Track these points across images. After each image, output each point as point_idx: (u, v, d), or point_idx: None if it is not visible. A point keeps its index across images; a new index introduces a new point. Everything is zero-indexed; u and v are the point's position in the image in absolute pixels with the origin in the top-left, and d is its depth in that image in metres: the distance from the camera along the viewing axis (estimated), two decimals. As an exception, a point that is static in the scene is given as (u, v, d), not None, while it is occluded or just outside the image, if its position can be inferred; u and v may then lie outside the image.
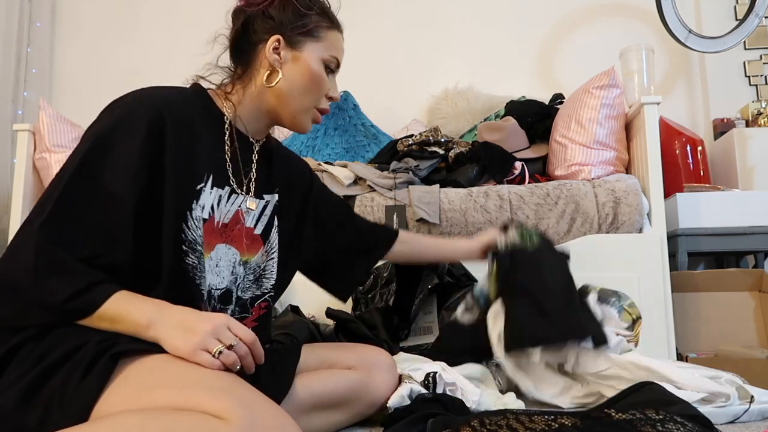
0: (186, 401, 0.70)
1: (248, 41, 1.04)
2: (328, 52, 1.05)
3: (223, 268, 1.01)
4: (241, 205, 1.04)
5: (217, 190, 0.99)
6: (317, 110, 1.07)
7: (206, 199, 0.96)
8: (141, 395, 0.73)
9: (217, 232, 0.99)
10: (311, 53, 1.03)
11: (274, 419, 0.73)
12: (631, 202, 1.96)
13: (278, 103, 1.04)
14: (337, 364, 1.10)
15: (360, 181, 2.12)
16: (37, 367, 0.76)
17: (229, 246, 1.02)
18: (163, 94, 0.96)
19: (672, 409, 0.92)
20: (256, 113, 1.06)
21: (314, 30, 1.04)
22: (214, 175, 0.98)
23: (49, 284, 0.79)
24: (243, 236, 1.04)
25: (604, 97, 2.15)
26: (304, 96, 1.04)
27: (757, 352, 1.67)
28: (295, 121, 1.05)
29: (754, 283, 1.94)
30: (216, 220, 0.99)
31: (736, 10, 2.94)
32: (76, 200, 0.84)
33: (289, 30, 1.02)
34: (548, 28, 3.09)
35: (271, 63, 1.02)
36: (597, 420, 0.90)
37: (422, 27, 3.17)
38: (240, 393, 0.74)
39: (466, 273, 1.81)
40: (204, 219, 0.96)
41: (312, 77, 1.03)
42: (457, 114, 2.86)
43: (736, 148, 2.50)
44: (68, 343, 0.78)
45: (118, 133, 0.88)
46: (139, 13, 3.29)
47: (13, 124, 2.69)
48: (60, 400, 0.74)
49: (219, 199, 0.99)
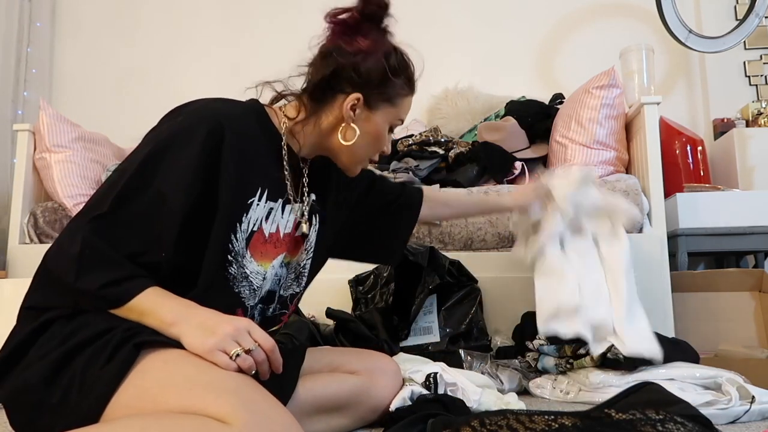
0: (192, 403, 0.72)
1: (330, 87, 1.04)
2: (398, 117, 1.09)
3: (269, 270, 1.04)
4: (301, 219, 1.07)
5: (268, 203, 1.00)
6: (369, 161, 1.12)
7: (257, 213, 0.98)
8: (153, 392, 0.75)
9: (276, 242, 1.02)
10: (383, 117, 1.06)
11: (279, 423, 0.74)
12: (631, 202, 1.96)
13: (340, 149, 1.06)
14: (340, 368, 1.10)
15: (360, 181, 2.12)
16: (63, 345, 0.79)
17: (285, 254, 1.06)
18: (224, 107, 0.97)
19: (672, 409, 0.92)
20: (313, 148, 1.08)
21: (394, 97, 1.06)
22: (268, 189, 1.00)
23: (89, 274, 0.82)
24: (288, 239, 1.07)
25: (604, 97, 2.15)
26: (365, 151, 1.08)
27: (757, 352, 1.67)
28: (350, 168, 1.10)
29: (754, 283, 1.94)
30: (268, 232, 1.01)
31: (736, 10, 2.94)
32: (132, 201, 0.87)
33: (373, 91, 1.04)
34: (548, 28, 3.09)
35: (344, 117, 1.03)
36: (597, 420, 0.90)
37: (422, 27, 3.17)
38: (248, 395, 0.75)
39: (466, 273, 1.82)
40: (252, 231, 0.98)
41: (377, 138, 1.07)
42: (457, 114, 2.86)
43: (736, 148, 2.50)
44: (96, 326, 0.81)
45: (178, 141, 0.90)
46: (139, 13, 3.29)
47: (13, 124, 2.68)
48: (81, 382, 0.76)
49: (269, 212, 1.01)
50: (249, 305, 1.01)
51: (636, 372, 1.41)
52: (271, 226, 1.01)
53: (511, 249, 1.99)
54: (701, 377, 1.35)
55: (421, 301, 1.69)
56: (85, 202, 2.72)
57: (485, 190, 1.68)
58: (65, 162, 2.34)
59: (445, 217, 1.48)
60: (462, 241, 2.00)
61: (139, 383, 0.76)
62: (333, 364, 1.10)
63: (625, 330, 1.42)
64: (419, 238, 1.99)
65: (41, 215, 2.29)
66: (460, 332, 1.69)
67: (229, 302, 0.96)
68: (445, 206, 1.45)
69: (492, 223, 1.98)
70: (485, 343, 1.71)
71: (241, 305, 0.99)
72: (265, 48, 3.05)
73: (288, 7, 3.15)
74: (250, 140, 0.98)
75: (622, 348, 1.40)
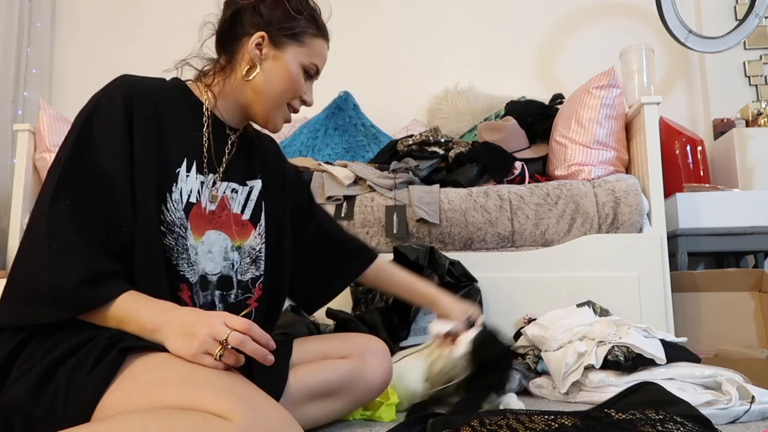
0: (190, 400, 0.72)
1: (234, 33, 1.06)
2: (309, 59, 1.06)
3: (216, 254, 1.03)
4: (226, 191, 1.06)
5: (198, 176, 1.01)
6: (290, 109, 1.09)
7: (190, 184, 0.99)
8: (146, 392, 0.74)
9: (205, 218, 1.02)
10: (292, 56, 1.04)
11: (276, 419, 0.74)
12: (631, 202, 1.96)
13: (254, 98, 1.05)
14: (330, 355, 1.11)
15: (360, 181, 2.12)
16: (46, 358, 0.78)
17: (219, 232, 1.04)
18: (139, 78, 0.99)
19: (672, 409, 0.92)
20: (234, 105, 1.07)
21: (300, 34, 1.05)
22: (196, 161, 1.01)
23: (62, 267, 0.81)
24: (231, 222, 1.07)
25: (604, 97, 2.15)
26: (278, 94, 1.05)
27: (757, 352, 1.67)
28: (267, 117, 1.07)
29: (754, 283, 1.94)
30: (203, 206, 1.01)
31: (736, 10, 2.94)
32: (77, 184, 0.87)
33: (276, 29, 1.04)
34: (548, 28, 3.09)
35: (251, 58, 1.03)
36: (597, 420, 0.90)
37: (422, 27, 3.17)
38: (243, 393, 0.75)
39: (466, 273, 1.82)
40: (191, 203, 0.99)
41: (289, 78, 1.04)
42: (457, 114, 2.86)
43: (736, 148, 2.50)
44: (79, 336, 0.80)
45: (99, 114, 0.92)
46: (139, 13, 3.29)
47: (13, 124, 2.69)
48: (66, 392, 0.75)
49: (202, 185, 1.02)
50: (192, 281, 0.99)
51: (636, 372, 1.41)
52: (203, 200, 1.02)
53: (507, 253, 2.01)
54: (701, 377, 1.35)
55: (421, 301, 1.69)
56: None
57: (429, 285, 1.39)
58: (65, 162, 2.35)
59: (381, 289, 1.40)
60: (462, 241, 2.00)
61: (129, 386, 0.75)
62: (323, 352, 1.11)
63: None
64: (419, 238, 1.99)
65: (41, 215, 2.29)
66: (460, 332, 1.69)
67: (170, 277, 0.95)
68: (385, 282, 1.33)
69: (492, 223, 1.98)
70: (485, 343, 1.71)
71: (183, 280, 0.97)
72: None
73: (288, 7, 3.15)
74: (172, 111, 1.00)
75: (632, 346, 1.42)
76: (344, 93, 2.87)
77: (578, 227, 1.98)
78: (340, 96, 2.86)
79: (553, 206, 1.99)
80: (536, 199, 2.00)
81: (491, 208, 1.99)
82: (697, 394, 1.27)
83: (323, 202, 2.05)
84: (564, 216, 1.98)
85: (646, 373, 1.40)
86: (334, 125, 2.80)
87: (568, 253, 1.93)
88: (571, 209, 1.98)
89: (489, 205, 1.99)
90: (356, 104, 2.86)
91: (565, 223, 1.98)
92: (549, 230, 1.98)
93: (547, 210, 1.99)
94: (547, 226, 1.98)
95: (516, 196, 2.01)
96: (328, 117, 2.82)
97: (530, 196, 2.00)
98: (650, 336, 1.49)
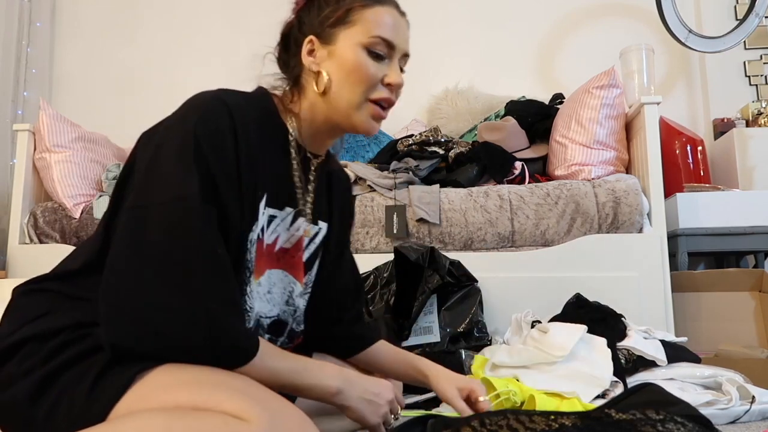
0: (205, 401, 0.70)
1: (292, 54, 0.96)
2: (368, 34, 0.90)
3: (276, 295, 0.95)
4: (305, 229, 0.98)
5: (269, 210, 0.91)
6: (373, 102, 0.92)
7: (261, 220, 0.89)
8: (158, 394, 0.71)
9: (269, 256, 0.92)
10: (345, 42, 0.91)
11: (293, 419, 0.73)
12: (631, 202, 1.96)
13: (329, 106, 0.92)
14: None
15: (360, 181, 2.12)
16: (50, 362, 0.76)
17: (285, 273, 0.96)
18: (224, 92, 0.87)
19: (672, 409, 0.92)
20: (313, 125, 0.96)
21: (344, 16, 0.91)
22: (269, 194, 0.90)
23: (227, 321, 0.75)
24: (301, 266, 0.98)
25: (604, 97, 2.15)
26: (348, 90, 0.91)
27: (757, 352, 1.67)
28: (351, 122, 0.92)
29: (754, 283, 1.94)
30: (266, 243, 0.92)
31: (736, 10, 2.94)
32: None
33: (320, 27, 0.92)
34: (548, 28, 3.09)
35: (309, 67, 0.93)
36: (597, 420, 0.90)
37: (422, 27, 3.16)
38: (257, 394, 0.74)
39: (466, 273, 1.82)
40: (252, 241, 0.89)
41: (350, 67, 0.90)
42: (457, 114, 2.86)
43: (736, 148, 2.50)
44: (83, 343, 0.76)
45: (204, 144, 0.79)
46: (139, 13, 3.29)
47: (13, 124, 2.69)
48: (71, 400, 0.73)
49: (270, 220, 0.92)
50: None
51: (637, 373, 1.41)
52: (270, 236, 0.92)
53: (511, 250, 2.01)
54: (701, 377, 1.35)
55: (422, 301, 1.69)
56: (85, 202, 2.68)
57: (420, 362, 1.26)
58: (65, 162, 2.35)
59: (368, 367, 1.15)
60: (462, 241, 2.00)
61: (141, 389, 0.73)
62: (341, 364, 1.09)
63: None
64: (419, 238, 1.99)
65: (41, 215, 2.29)
66: (460, 332, 1.69)
67: None
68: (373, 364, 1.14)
69: (492, 223, 1.98)
70: (485, 343, 1.71)
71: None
72: (265, 47, 3.05)
73: (288, 6, 3.15)
74: (261, 139, 0.88)
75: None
76: (344, 93, 2.86)
77: (578, 227, 1.98)
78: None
79: (553, 206, 1.99)
80: (536, 199, 2.00)
81: (491, 208, 1.99)
82: (697, 395, 1.27)
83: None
84: (564, 216, 1.98)
85: (646, 373, 1.40)
86: (334, 125, 2.80)
87: (568, 253, 1.94)
88: (571, 209, 1.98)
89: (489, 205, 1.99)
90: (356, 104, 2.86)
91: (565, 223, 1.98)
92: (549, 230, 1.98)
93: (547, 210, 1.99)
94: (547, 226, 1.98)
95: (516, 196, 2.01)
96: (328, 117, 2.82)
97: (530, 196, 2.00)
98: (650, 337, 1.49)
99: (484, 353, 1.56)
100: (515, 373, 1.35)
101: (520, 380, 1.31)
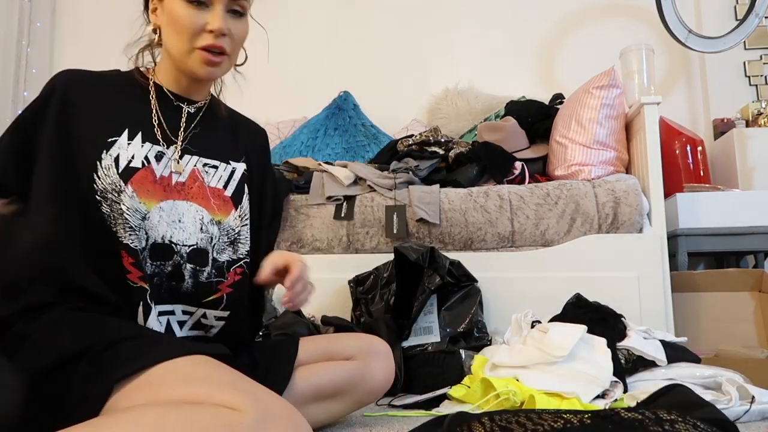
0: (196, 394, 0.72)
1: (149, 12, 1.07)
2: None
3: (188, 224, 1.00)
4: (197, 165, 1.05)
5: (148, 145, 1.00)
6: (202, 50, 1.00)
7: (132, 150, 0.98)
8: (146, 392, 0.73)
9: (165, 187, 1.00)
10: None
11: (282, 409, 0.75)
12: (631, 202, 1.96)
13: (170, 57, 1.04)
14: (335, 356, 1.11)
15: (360, 181, 2.12)
16: (36, 363, 0.77)
17: (190, 203, 1.02)
18: (80, 70, 1.03)
19: (697, 412, 0.92)
20: (170, 76, 1.07)
21: None
22: (142, 131, 1.01)
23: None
24: (209, 195, 1.04)
25: (604, 97, 2.15)
26: (175, 41, 1.01)
27: (757, 352, 1.67)
28: (187, 69, 1.03)
29: (754, 283, 1.94)
30: (157, 173, 0.99)
31: (736, 10, 2.94)
32: None
33: None
34: (548, 28, 3.09)
35: (153, 23, 1.04)
36: (606, 418, 0.90)
37: (422, 27, 3.17)
38: (246, 387, 0.76)
39: (466, 273, 1.82)
40: (133, 167, 0.97)
41: (172, 19, 0.99)
42: (457, 114, 2.86)
43: (736, 148, 2.50)
44: (63, 349, 0.79)
45: (34, 102, 0.99)
46: (138, 13, 3.29)
47: (13, 124, 2.68)
48: (59, 405, 0.75)
49: (159, 155, 1.01)
50: (137, 248, 0.94)
51: (637, 373, 1.41)
52: (164, 169, 1.00)
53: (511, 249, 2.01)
54: (701, 377, 1.35)
55: (422, 301, 1.69)
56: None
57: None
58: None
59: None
60: (462, 241, 2.00)
61: (126, 388, 0.75)
62: (328, 353, 1.11)
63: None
64: (419, 238, 1.99)
65: (41, 215, 2.29)
66: (460, 332, 1.69)
67: (109, 245, 0.93)
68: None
69: (492, 223, 1.98)
70: (485, 343, 1.71)
71: (124, 247, 0.94)
72: (266, 46, 3.05)
73: (289, 5, 3.15)
74: (114, 90, 1.02)
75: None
76: (344, 93, 2.87)
77: (578, 227, 1.98)
78: (340, 96, 2.86)
79: (553, 206, 1.99)
80: (536, 199, 2.00)
81: (491, 208, 1.99)
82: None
83: (323, 202, 2.05)
84: (564, 216, 1.98)
85: (646, 374, 1.40)
86: (334, 125, 2.80)
87: (568, 253, 1.94)
88: (571, 209, 1.98)
89: (489, 205, 1.99)
90: (356, 104, 2.86)
91: (565, 223, 1.98)
92: (549, 230, 1.98)
93: (547, 210, 1.99)
94: (547, 226, 1.98)
95: (516, 196, 2.01)
96: (328, 117, 2.82)
97: (530, 196, 2.00)
98: (650, 337, 1.49)
99: (484, 353, 1.56)
100: (515, 373, 1.35)
101: (520, 380, 1.32)
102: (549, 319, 1.62)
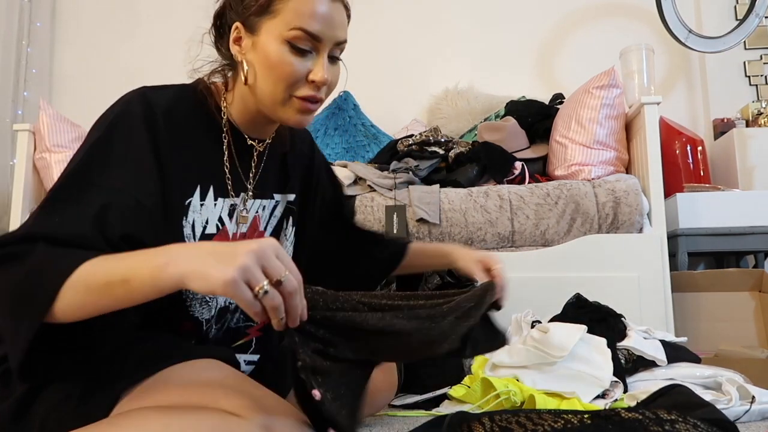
0: (201, 400, 0.70)
1: (225, 39, 0.93)
2: (288, 27, 0.83)
3: None
4: (258, 210, 0.97)
5: (221, 201, 0.90)
6: (299, 99, 0.87)
7: (206, 213, 0.88)
8: (153, 395, 0.71)
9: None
10: (267, 34, 0.85)
11: (287, 417, 0.74)
12: (631, 202, 1.96)
13: (255, 98, 0.89)
14: None
15: (360, 181, 2.12)
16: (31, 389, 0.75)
17: None
18: (150, 91, 0.88)
19: (697, 412, 0.91)
20: (246, 114, 0.94)
21: (267, 4, 0.85)
22: (213, 186, 0.89)
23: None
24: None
25: (604, 97, 2.15)
26: (270, 86, 0.86)
27: (757, 352, 1.67)
28: (278, 117, 0.89)
29: (754, 283, 1.94)
30: (230, 232, 0.91)
31: (736, 10, 2.94)
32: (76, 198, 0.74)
33: (245, 13, 0.87)
34: (548, 28, 3.09)
35: (235, 56, 0.89)
36: (606, 418, 0.90)
37: (422, 27, 3.17)
38: (252, 392, 0.75)
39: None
40: (208, 235, 0.88)
41: (270, 63, 0.84)
42: (457, 114, 2.86)
43: (736, 148, 2.50)
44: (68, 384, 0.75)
45: (119, 133, 0.80)
46: (139, 13, 3.29)
47: (13, 124, 2.69)
48: (59, 418, 0.73)
49: (231, 210, 0.91)
50: (203, 318, 0.89)
51: (637, 373, 1.41)
52: (234, 225, 0.92)
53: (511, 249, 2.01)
54: (701, 377, 1.35)
55: (421, 301, 1.69)
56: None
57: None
58: (65, 162, 2.34)
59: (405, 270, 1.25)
60: (462, 241, 2.00)
61: (130, 394, 0.73)
62: None
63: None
64: (419, 238, 1.99)
65: (41, 215, 2.29)
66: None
67: (177, 315, 0.87)
68: (409, 267, 1.24)
69: (492, 223, 1.98)
70: (485, 343, 1.71)
71: (190, 319, 0.88)
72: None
73: None
74: (182, 128, 0.86)
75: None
76: (344, 93, 2.87)
77: (578, 227, 1.98)
78: (340, 96, 2.86)
79: (553, 206, 1.99)
80: (536, 199, 2.00)
81: (491, 208, 1.99)
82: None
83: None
84: (564, 216, 1.98)
85: (646, 374, 1.40)
86: (334, 125, 2.79)
87: (568, 253, 1.93)
88: (571, 209, 1.98)
89: (489, 205, 1.99)
90: (356, 104, 2.86)
91: (565, 223, 1.98)
92: (549, 230, 1.98)
93: (547, 210, 1.99)
94: (547, 226, 1.98)
95: (516, 196, 2.01)
96: (328, 117, 2.82)
97: (530, 196, 2.00)
98: (650, 337, 1.49)
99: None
100: (515, 373, 1.35)
101: (520, 380, 1.32)
102: (549, 319, 1.62)
